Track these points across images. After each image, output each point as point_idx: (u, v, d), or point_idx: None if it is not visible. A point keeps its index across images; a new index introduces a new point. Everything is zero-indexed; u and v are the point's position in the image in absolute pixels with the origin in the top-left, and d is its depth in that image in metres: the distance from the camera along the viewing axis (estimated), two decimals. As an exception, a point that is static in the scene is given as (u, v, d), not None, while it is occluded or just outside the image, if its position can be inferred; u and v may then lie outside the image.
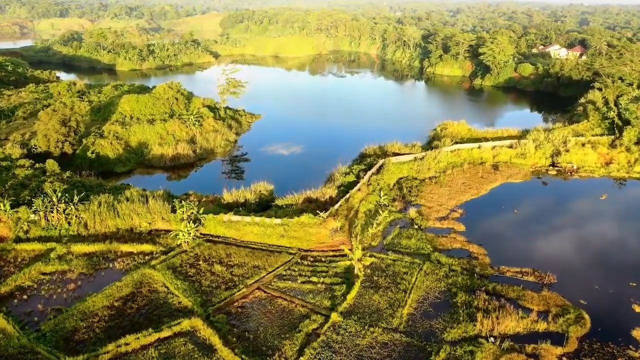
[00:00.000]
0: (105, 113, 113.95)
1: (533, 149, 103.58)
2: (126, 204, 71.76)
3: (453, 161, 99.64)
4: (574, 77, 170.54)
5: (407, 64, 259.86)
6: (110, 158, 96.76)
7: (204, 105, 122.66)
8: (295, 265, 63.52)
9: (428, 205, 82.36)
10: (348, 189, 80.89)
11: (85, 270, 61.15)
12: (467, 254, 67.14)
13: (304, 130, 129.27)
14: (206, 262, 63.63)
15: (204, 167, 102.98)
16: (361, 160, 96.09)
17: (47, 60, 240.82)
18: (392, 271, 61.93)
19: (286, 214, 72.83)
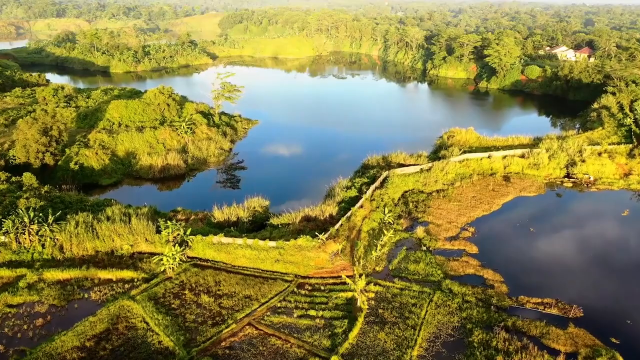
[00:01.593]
0: (93, 120, 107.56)
1: (546, 158, 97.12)
2: (106, 224, 65.39)
3: (462, 172, 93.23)
4: (584, 80, 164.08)
5: (410, 66, 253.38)
6: (95, 169, 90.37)
7: (198, 111, 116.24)
8: (291, 295, 57.12)
9: (436, 222, 75.91)
10: (350, 205, 74.58)
11: (57, 301, 54.80)
12: (481, 281, 60.76)
13: (303, 137, 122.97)
14: (192, 292, 57.27)
15: (196, 178, 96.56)
16: (363, 172, 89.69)
17: (40, 62, 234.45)
18: (399, 302, 55.52)
19: (282, 234, 66.49)
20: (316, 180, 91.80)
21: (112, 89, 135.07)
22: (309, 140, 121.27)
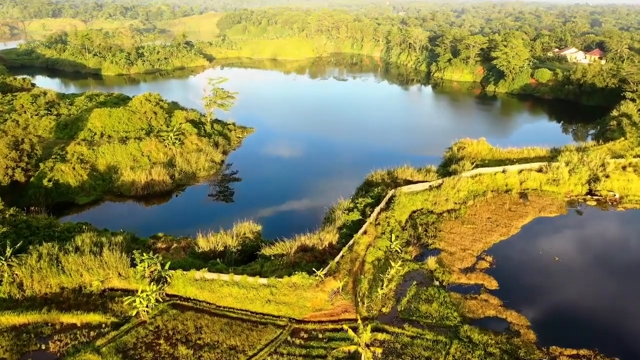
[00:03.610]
0: (73, 130, 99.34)
1: (567, 173, 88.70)
2: (74, 257, 57.12)
3: (474, 189, 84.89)
4: (598, 84, 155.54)
5: (413, 68, 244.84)
6: (71, 186, 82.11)
7: (188, 119, 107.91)
8: (284, 345, 48.82)
9: (449, 250, 67.60)
10: (352, 231, 66.34)
11: (9, 355, 46.57)
12: (504, 325, 52.47)
13: (301, 146, 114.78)
14: (168, 341, 48.97)
15: (184, 194, 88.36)
16: (367, 190, 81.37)
17: (30, 64, 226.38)
18: (410, 356, 47.21)
19: (275, 268, 58.22)
20: (315, 197, 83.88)
21: (98, 94, 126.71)
22: (308, 149, 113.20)
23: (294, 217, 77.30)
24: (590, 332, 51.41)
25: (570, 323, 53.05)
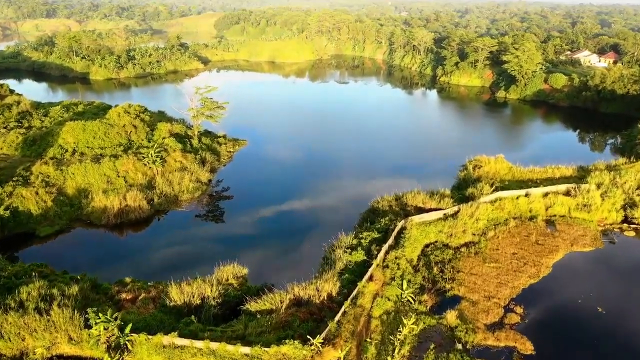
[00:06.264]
0: (42, 146, 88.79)
1: (599, 197, 78.01)
2: (15, 316, 46.48)
3: (495, 217, 74.25)
4: (618, 91, 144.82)
5: (418, 71, 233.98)
6: (32, 215, 71.52)
7: (172, 133, 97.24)
8: None
9: (471, 298, 56.90)
10: (355, 275, 55.75)
11: None
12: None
13: (297, 161, 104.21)
14: None
15: (164, 221, 77.77)
16: (372, 220, 70.67)
17: (16, 68, 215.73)
18: None
19: (262, 330, 47.48)
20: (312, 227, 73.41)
21: (77, 104, 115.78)
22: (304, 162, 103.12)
23: (287, 256, 66.81)
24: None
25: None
